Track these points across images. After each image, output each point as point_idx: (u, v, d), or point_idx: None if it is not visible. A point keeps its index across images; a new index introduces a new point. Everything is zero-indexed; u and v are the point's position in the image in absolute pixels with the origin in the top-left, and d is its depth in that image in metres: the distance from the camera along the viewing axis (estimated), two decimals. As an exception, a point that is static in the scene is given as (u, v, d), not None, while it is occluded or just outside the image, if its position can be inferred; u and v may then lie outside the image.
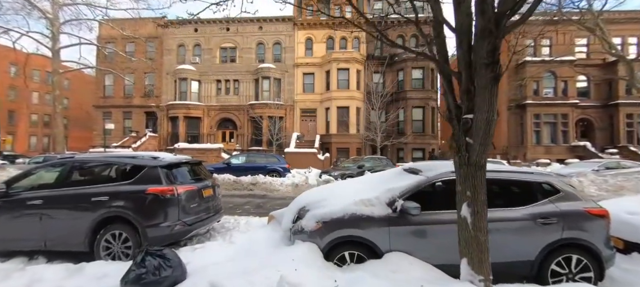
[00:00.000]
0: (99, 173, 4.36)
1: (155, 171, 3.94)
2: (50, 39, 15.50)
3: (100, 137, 25.69)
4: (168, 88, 25.18)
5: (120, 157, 4.15)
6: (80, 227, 3.72)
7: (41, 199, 3.84)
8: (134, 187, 3.81)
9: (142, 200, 3.75)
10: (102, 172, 4.36)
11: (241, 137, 24.62)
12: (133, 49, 24.74)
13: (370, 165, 12.00)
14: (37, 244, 3.82)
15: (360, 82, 23.49)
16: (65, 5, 15.83)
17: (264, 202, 9.02)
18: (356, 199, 3.39)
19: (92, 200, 3.75)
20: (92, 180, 4.22)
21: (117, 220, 3.75)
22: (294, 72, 24.53)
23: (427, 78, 22.49)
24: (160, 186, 3.84)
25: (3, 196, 3.92)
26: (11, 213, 3.87)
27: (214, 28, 25.27)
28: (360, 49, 24.31)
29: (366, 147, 23.31)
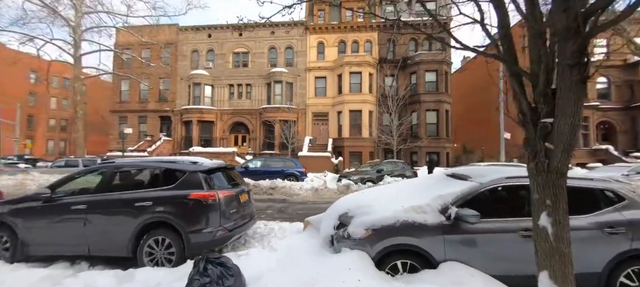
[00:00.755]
0: (140, 178, 4.38)
1: (196, 176, 3.93)
2: (72, 46, 15.97)
3: (116, 141, 26.23)
4: (182, 93, 25.59)
5: (160, 161, 4.15)
6: (124, 232, 3.72)
7: (85, 203, 3.85)
8: (176, 192, 3.80)
9: (185, 205, 3.73)
10: (143, 177, 4.37)
11: (253, 141, 24.74)
12: (149, 55, 25.29)
13: (389, 169, 11.84)
14: (80, 249, 3.84)
15: (373, 85, 23.37)
16: (87, 14, 16.31)
17: (285, 206, 8.97)
18: (405, 205, 3.29)
19: (136, 205, 3.75)
20: (133, 185, 4.23)
21: (160, 225, 3.74)
22: (305, 76, 24.61)
23: (441, 81, 22.21)
24: (202, 191, 3.82)
25: (48, 200, 3.97)
26: (56, 218, 3.90)
27: (227, 33, 25.63)
28: (373, 52, 24.24)
29: (379, 151, 23.12)
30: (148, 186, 4.05)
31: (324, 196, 10.10)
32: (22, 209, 4.01)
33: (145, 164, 4.22)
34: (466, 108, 30.90)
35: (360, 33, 24.54)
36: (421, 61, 22.24)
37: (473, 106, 31.06)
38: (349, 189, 10.13)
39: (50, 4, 14.57)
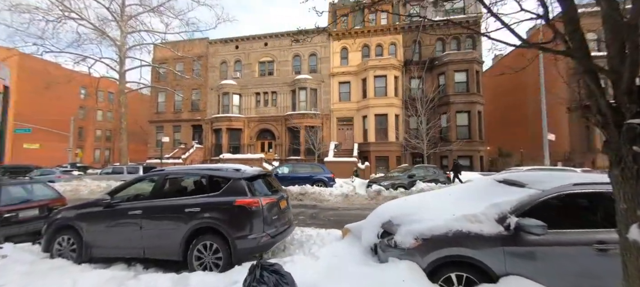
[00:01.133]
0: (188, 185, 4.61)
1: (240, 183, 4.05)
2: (117, 63, 17.47)
3: (153, 150, 28.14)
4: (212, 102, 26.89)
5: (206, 169, 4.35)
6: (176, 236, 3.92)
7: (140, 209, 4.13)
8: (222, 198, 3.94)
9: (231, 211, 3.85)
10: (191, 184, 4.60)
11: (279, 147, 25.23)
12: (182, 68, 26.98)
13: (420, 174, 11.41)
14: (137, 252, 4.10)
15: (398, 88, 22.88)
16: (130, 33, 17.80)
17: (316, 212, 8.97)
18: (456, 214, 3.13)
19: (186, 211, 3.95)
20: (182, 191, 4.47)
21: (208, 231, 3.89)
22: (329, 82, 24.74)
23: (471, 81, 21.17)
24: (247, 198, 3.93)
25: (108, 206, 4.31)
26: (115, 222, 4.22)
27: (253, 44, 26.64)
28: (397, 55, 23.80)
29: (406, 155, 22.46)
30: (196, 193, 4.25)
31: (354, 202, 9.97)
32: (86, 213, 4.39)
33: (192, 171, 4.45)
34: (497, 109, 29.14)
35: (384, 36, 24.23)
36: (450, 61, 21.39)
37: (505, 107, 29.22)
38: (379, 195, 9.91)
39: (100, 27, 16.13)
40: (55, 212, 4.69)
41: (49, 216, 4.91)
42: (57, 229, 4.47)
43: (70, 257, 4.31)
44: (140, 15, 17.52)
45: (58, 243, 4.42)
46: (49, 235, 4.47)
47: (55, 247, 4.41)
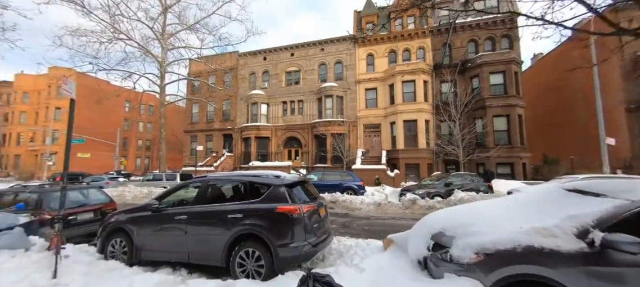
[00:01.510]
0: (230, 191, 4.69)
1: (280, 190, 4.02)
2: (158, 78, 18.85)
3: (188, 158, 29.76)
4: (241, 112, 27.95)
5: (247, 176, 4.39)
6: (219, 243, 3.96)
7: (186, 214, 4.25)
8: (263, 205, 3.93)
9: (272, 218, 3.82)
10: (232, 191, 4.68)
11: (306, 155, 25.38)
12: (214, 80, 28.51)
13: (459, 183, 10.71)
14: (182, 257, 4.21)
15: (428, 93, 22.06)
16: (170, 50, 19.20)
17: (348, 221, 8.75)
18: (524, 226, 2.79)
19: (228, 217, 3.98)
20: (225, 197, 4.55)
21: (250, 238, 3.88)
22: (356, 89, 24.58)
23: (509, 82, 19.77)
24: (287, 205, 3.88)
25: (156, 210, 4.50)
26: (162, 226, 4.39)
27: (280, 55, 27.43)
28: (426, 59, 23.05)
29: (438, 163, 21.40)
30: (237, 199, 4.29)
31: (387, 211, 9.59)
32: (136, 217, 4.63)
33: (233, 178, 4.52)
34: (538, 112, 26.76)
35: (412, 41, 23.66)
36: (484, 63, 20.23)
37: (547, 109, 26.82)
38: (415, 204, 9.44)
39: (144, 45, 17.63)
40: (109, 216, 5.01)
41: (103, 219, 5.26)
42: (111, 232, 4.75)
43: (122, 260, 4.54)
44: (179, 33, 18.89)
45: (111, 245, 4.69)
46: (104, 237, 4.77)
47: (108, 249, 4.69)
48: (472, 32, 22.18)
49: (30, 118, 40.44)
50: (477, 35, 22.00)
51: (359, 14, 26.06)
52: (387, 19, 24.62)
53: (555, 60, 26.78)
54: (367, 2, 25.80)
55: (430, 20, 23.39)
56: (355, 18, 26.19)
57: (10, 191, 6.47)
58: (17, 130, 40.54)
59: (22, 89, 41.11)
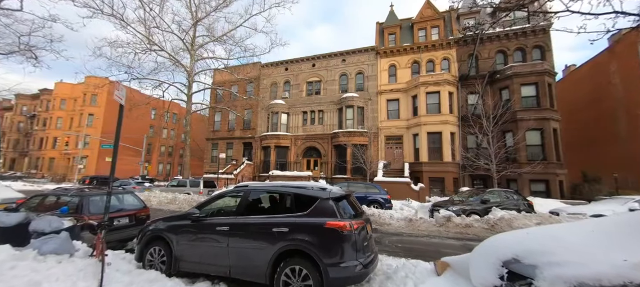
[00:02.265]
0: (273, 203, 4.51)
1: (328, 204, 3.79)
2: (186, 87, 19.49)
3: (209, 165, 30.34)
4: (262, 121, 28.32)
5: (291, 187, 4.19)
6: (262, 258, 3.75)
7: (227, 225, 4.09)
8: (311, 219, 3.69)
9: (321, 234, 3.57)
10: (275, 202, 4.49)
11: (325, 165, 25.12)
12: (236, 89, 29.21)
13: (496, 199, 10.00)
14: (222, 270, 4.03)
15: (453, 105, 21.35)
16: (197, 61, 19.89)
17: (379, 236, 8.31)
18: (630, 259, 2.37)
19: (273, 230, 3.78)
20: (266, 209, 4.36)
21: (297, 254, 3.64)
22: (377, 100, 24.27)
23: (543, 94, 18.74)
24: (338, 220, 3.62)
25: (196, 220, 4.38)
26: (203, 237, 4.24)
27: (301, 65, 27.77)
28: (451, 70, 22.45)
29: (464, 177, 20.44)
30: (281, 211, 4.09)
31: (419, 227, 9.06)
32: (175, 226, 4.53)
33: (276, 188, 4.34)
34: (572, 127, 25.11)
35: (436, 51, 23.19)
36: (515, 74, 19.38)
37: (582, 124, 25.13)
38: (450, 221, 8.86)
39: (175, 56, 18.40)
40: (148, 223, 4.95)
41: (138, 225, 5.21)
42: (150, 240, 4.68)
43: (160, 269, 4.42)
44: (207, 44, 19.59)
45: (149, 254, 4.60)
46: (142, 245, 4.70)
47: (147, 257, 4.60)
48: (500, 42, 21.43)
49: (66, 123, 43.11)
50: (506, 46, 21.21)
51: (381, 25, 26.01)
52: (409, 30, 24.43)
53: (591, 71, 25.29)
54: (389, 13, 25.75)
55: (455, 31, 22.90)
56: (377, 29, 26.15)
57: (53, 194, 6.65)
58: (53, 135, 43.27)
59: (60, 96, 44.10)
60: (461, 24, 23.06)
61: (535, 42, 20.48)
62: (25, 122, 48.51)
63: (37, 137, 44.91)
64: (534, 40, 20.54)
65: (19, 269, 3.15)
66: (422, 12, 23.93)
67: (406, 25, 25.15)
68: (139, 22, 16.80)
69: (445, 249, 7.41)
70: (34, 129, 45.88)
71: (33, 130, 45.90)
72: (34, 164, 44.14)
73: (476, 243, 8.17)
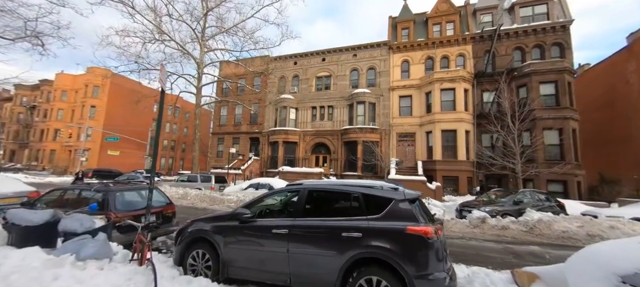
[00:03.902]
0: (336, 204, 4.04)
1: (404, 206, 3.33)
2: (195, 79, 18.91)
3: (214, 160, 29.83)
4: (269, 116, 27.78)
5: (358, 186, 3.72)
6: (331, 266, 3.30)
7: (286, 228, 3.63)
8: (389, 224, 3.23)
9: (404, 241, 3.11)
10: (339, 203, 4.03)
11: (334, 162, 24.67)
12: (243, 83, 28.59)
13: (529, 201, 9.59)
14: (281, 279, 3.57)
15: (469, 102, 20.88)
16: (206, 52, 19.28)
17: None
18: None
19: (343, 236, 3.32)
20: (332, 211, 3.89)
21: (373, 263, 3.19)
22: (389, 96, 23.76)
23: (562, 93, 18.29)
24: (419, 225, 3.17)
25: (247, 221, 3.91)
26: (257, 240, 3.77)
27: (311, 60, 27.16)
28: (467, 67, 21.94)
29: (479, 176, 20.05)
30: (345, 213, 3.62)
31: (452, 229, 8.65)
32: (222, 227, 4.06)
33: (340, 188, 3.86)
34: (587, 127, 24.65)
35: (451, 47, 22.65)
36: (533, 72, 18.90)
37: (598, 124, 24.70)
38: (485, 223, 8.45)
39: (185, 47, 17.78)
40: (187, 223, 4.48)
41: (180, 227, 4.74)
42: (191, 242, 4.22)
43: (205, 275, 3.97)
44: (217, 35, 18.96)
45: (192, 258, 4.14)
46: (182, 248, 4.24)
47: (188, 261, 4.14)
48: (518, 39, 20.92)
49: (67, 115, 42.35)
50: (524, 43, 20.70)
51: (394, 20, 25.41)
52: (423, 25, 23.83)
53: (606, 71, 24.83)
54: (403, 7, 25.13)
55: (471, 27, 22.35)
56: (389, 24, 25.55)
57: (73, 188, 6.15)
58: (54, 127, 42.54)
59: (61, 87, 43.28)
60: (478, 19, 22.51)
61: (555, 39, 19.97)
62: (25, 113, 47.66)
63: (37, 128, 44.16)
64: (553, 37, 20.03)
65: (62, 280, 2.67)
66: (437, 7, 23.33)
67: (420, 20, 24.56)
68: (149, 9, 16.17)
69: (487, 253, 7.01)
70: (34, 120, 45.09)
71: (33, 122, 45.12)
72: (34, 156, 43.45)
73: (518, 247, 7.80)
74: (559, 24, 19.78)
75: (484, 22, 22.30)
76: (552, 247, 7.46)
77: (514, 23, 21.26)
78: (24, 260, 3.11)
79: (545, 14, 20.69)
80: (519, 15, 21.31)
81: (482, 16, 22.44)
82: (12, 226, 3.78)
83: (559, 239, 7.94)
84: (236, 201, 13.07)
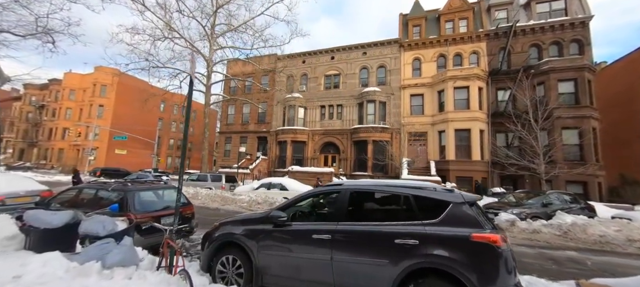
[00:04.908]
0: (382, 207, 3.68)
1: (464, 209, 2.97)
2: (205, 77, 18.66)
3: (221, 159, 29.64)
4: (277, 115, 27.49)
5: (408, 187, 3.35)
6: (383, 276, 2.94)
7: (328, 233, 3.27)
8: (450, 230, 2.87)
9: (469, 251, 2.74)
10: (387, 205, 3.66)
11: (344, 162, 24.28)
12: (251, 82, 28.31)
13: (559, 203, 9.12)
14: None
15: (483, 101, 20.35)
16: (216, 50, 19.02)
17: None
18: None
19: (396, 242, 2.96)
20: (379, 215, 3.53)
21: (431, 274, 2.83)
22: (400, 95, 23.29)
23: (582, 91, 17.69)
24: (485, 231, 2.81)
25: (283, 224, 3.57)
26: (295, 247, 3.43)
27: (320, 58, 26.80)
28: (480, 65, 21.38)
29: (494, 177, 19.53)
30: (399, 218, 3.25)
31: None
32: (255, 231, 3.72)
33: (386, 189, 3.48)
34: (603, 127, 23.84)
35: (464, 44, 22.10)
36: (551, 69, 18.31)
37: (616, 123, 23.90)
38: (514, 226, 8.02)
39: (194, 44, 17.52)
40: (214, 226, 4.15)
41: (207, 231, 4.42)
42: (220, 246, 3.89)
43: (237, 283, 3.64)
44: (226, 33, 18.68)
45: (221, 264, 3.81)
46: (210, 253, 3.91)
47: (217, 268, 3.81)
48: (534, 35, 20.31)
49: (75, 114, 42.60)
50: (541, 39, 20.09)
51: (404, 17, 24.93)
52: (435, 22, 23.32)
53: (626, 68, 24.05)
54: (414, 4, 24.65)
55: (485, 23, 21.78)
56: (400, 21, 25.08)
57: (89, 187, 5.88)
58: (62, 125, 42.81)
59: (69, 86, 43.54)
60: (492, 15, 21.94)
61: (573, 35, 19.34)
62: (34, 112, 48.07)
63: (46, 127, 44.49)
64: (571, 33, 19.39)
65: (91, 292, 2.36)
66: (450, 3, 22.80)
67: (432, 17, 24.05)
68: (159, 6, 15.94)
69: (523, 259, 6.56)
70: (42, 119, 45.45)
71: (42, 121, 45.48)
72: (43, 154, 43.79)
73: (554, 252, 7.34)
74: (578, 19, 19.15)
75: (498, 18, 21.74)
76: (591, 253, 7.01)
77: (530, 19, 20.66)
78: (45, 267, 2.81)
79: (563, 9, 20.05)
80: (535, 11, 20.69)
81: (497, 12, 21.87)
82: (30, 228, 3.50)
83: (596, 244, 7.48)
84: (248, 201, 12.77)
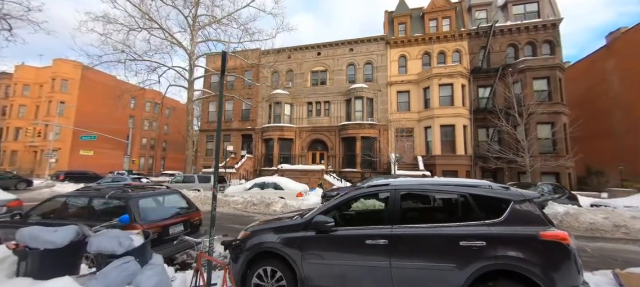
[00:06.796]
0: (439, 206, 3.49)
1: (527, 207, 2.90)
2: (187, 71, 17.50)
3: (203, 158, 28.22)
4: (263, 112, 26.66)
5: (460, 185, 3.20)
6: (451, 282, 2.78)
7: (385, 238, 3.05)
8: (516, 229, 2.77)
9: (539, 250, 2.66)
10: (442, 205, 3.48)
11: (332, 158, 24.18)
12: (234, 77, 27.15)
13: (548, 192, 9.67)
14: (385, 301, 2.99)
15: (466, 98, 21.22)
16: (199, 43, 17.89)
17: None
18: None
19: (461, 245, 2.80)
20: (436, 216, 3.35)
21: (501, 277, 2.71)
22: (387, 91, 23.60)
23: (554, 89, 19.06)
24: (552, 229, 2.76)
25: (328, 230, 3.27)
26: (346, 255, 3.16)
27: (306, 54, 26.33)
28: (463, 62, 22.24)
29: (476, 170, 20.52)
30: (459, 218, 3.11)
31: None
32: (295, 238, 3.40)
33: (442, 187, 3.30)
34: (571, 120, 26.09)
35: (448, 43, 22.84)
36: (527, 68, 19.50)
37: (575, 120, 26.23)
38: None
39: (174, 36, 16.30)
40: (244, 235, 3.75)
41: (232, 240, 3.98)
42: (254, 257, 3.51)
43: (276, 297, 3.30)
44: (210, 24, 17.60)
45: (257, 277, 3.44)
46: (244, 265, 3.52)
47: (253, 281, 3.44)
48: (511, 36, 21.49)
49: (30, 112, 38.29)
50: (517, 40, 21.32)
51: (390, 14, 25.22)
52: (420, 20, 23.83)
53: (586, 69, 26.36)
54: (399, 2, 24.99)
55: (467, 23, 22.66)
56: (386, 18, 25.33)
57: (80, 195, 5.10)
58: (15, 125, 38.29)
59: (22, 81, 38.95)
60: (473, 15, 22.86)
61: (546, 36, 20.74)
62: (-22, 110, 42.46)
63: (-6, 127, 39.51)
64: (544, 34, 20.79)
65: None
66: (433, 2, 23.41)
67: (417, 15, 24.57)
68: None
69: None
70: (-10, 118, 40.30)
71: (-11, 120, 40.32)
72: (-9, 157, 38.88)
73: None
74: (549, 21, 20.54)
75: (479, 18, 22.72)
76: (585, 240, 7.47)
77: (507, 20, 21.84)
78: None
79: (536, 12, 21.41)
80: (511, 12, 21.89)
81: (477, 12, 22.84)
82: (28, 250, 2.87)
83: (588, 231, 8.00)
84: (243, 202, 12.17)
